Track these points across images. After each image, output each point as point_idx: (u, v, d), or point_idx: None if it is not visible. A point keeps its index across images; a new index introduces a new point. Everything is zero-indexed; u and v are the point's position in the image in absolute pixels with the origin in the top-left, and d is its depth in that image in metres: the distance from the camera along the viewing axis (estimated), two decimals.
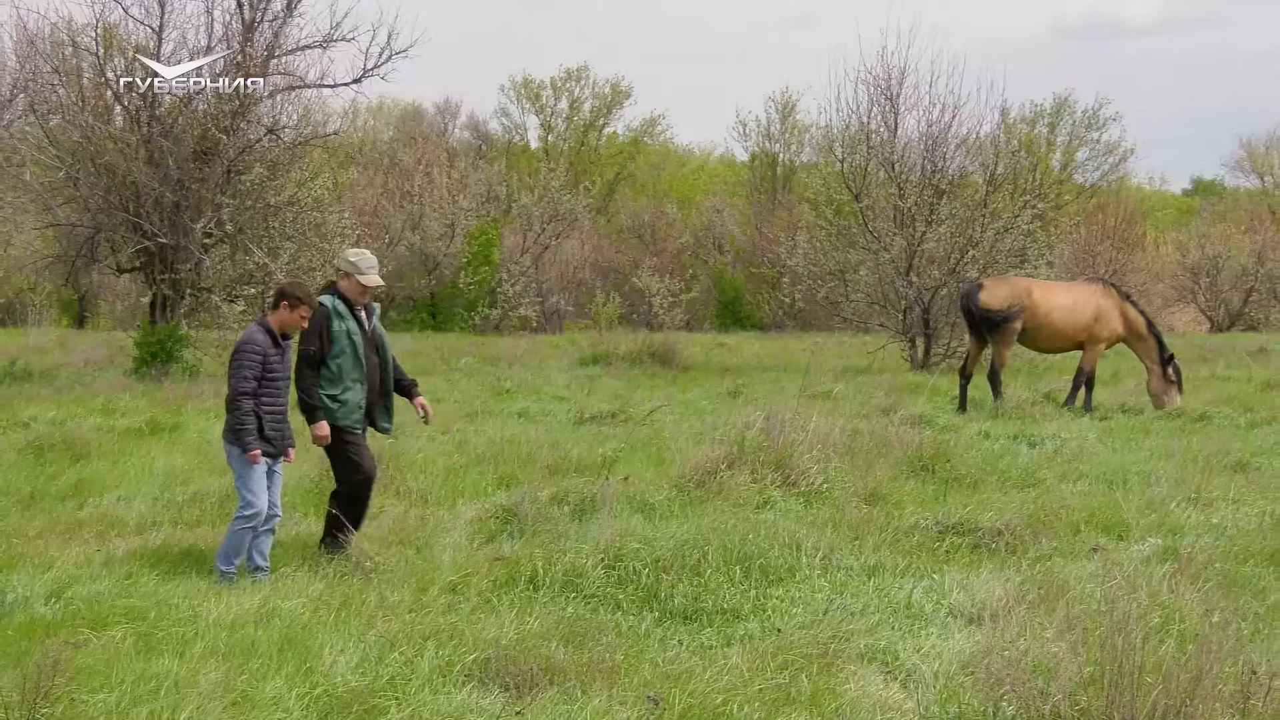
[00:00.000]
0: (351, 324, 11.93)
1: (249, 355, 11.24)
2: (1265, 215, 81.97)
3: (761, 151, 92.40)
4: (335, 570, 11.28)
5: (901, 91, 39.06)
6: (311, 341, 11.74)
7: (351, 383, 11.96)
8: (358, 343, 11.95)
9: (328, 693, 7.78)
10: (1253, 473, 16.85)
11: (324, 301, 11.84)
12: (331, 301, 11.87)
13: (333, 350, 11.81)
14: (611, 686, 8.02)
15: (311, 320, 11.72)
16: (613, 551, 10.97)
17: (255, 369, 11.23)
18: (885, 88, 39.09)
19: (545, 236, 61.73)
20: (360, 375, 12.02)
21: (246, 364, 11.21)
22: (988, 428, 21.24)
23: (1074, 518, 13.41)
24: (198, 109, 29.03)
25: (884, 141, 39.25)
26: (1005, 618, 9.45)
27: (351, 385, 11.97)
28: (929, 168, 38.04)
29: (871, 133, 39.36)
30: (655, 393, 27.24)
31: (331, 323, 11.78)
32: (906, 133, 39.40)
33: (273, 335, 11.44)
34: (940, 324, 36.75)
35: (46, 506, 14.15)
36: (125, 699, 7.46)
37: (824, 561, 11.46)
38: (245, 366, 11.20)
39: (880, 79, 39.18)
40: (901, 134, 39.43)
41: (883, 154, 38.87)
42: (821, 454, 15.30)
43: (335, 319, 11.81)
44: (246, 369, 11.20)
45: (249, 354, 11.24)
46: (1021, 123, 79.16)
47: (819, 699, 7.95)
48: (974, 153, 39.35)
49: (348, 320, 11.90)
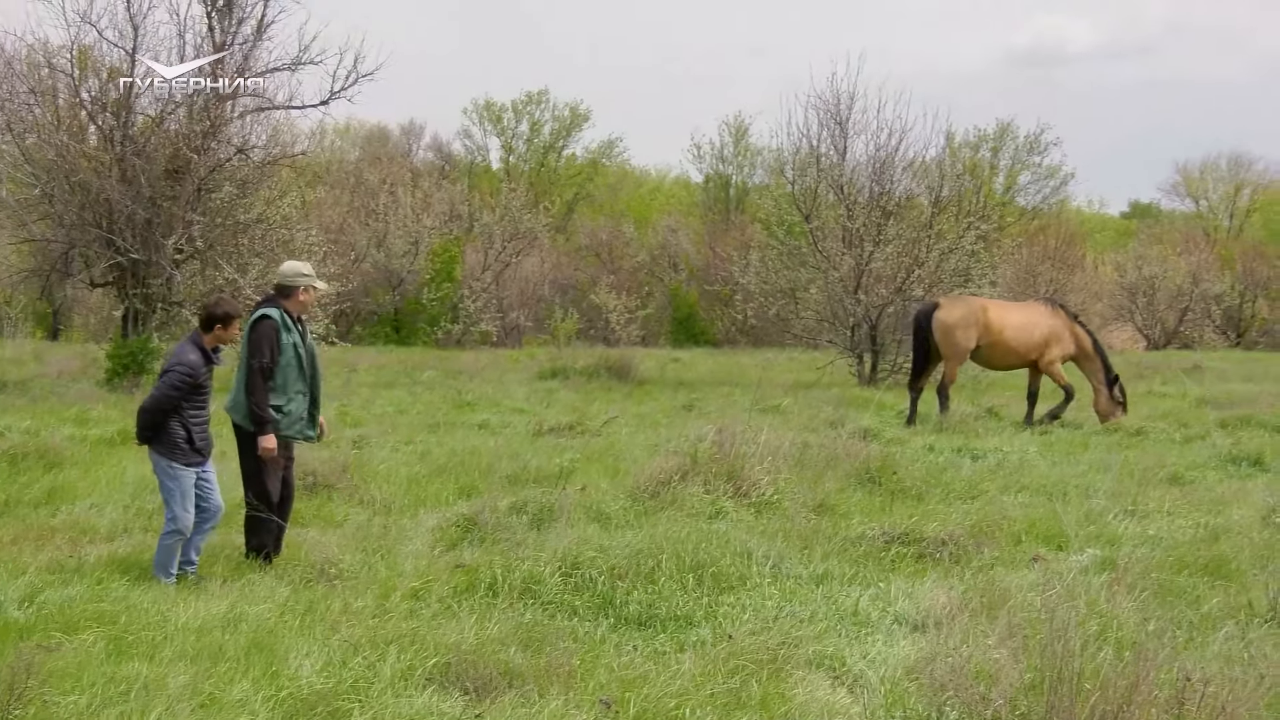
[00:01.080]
0: (296, 336, 11.98)
1: (183, 377, 11.16)
2: (1200, 238, 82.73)
3: (715, 173, 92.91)
4: (300, 576, 11.25)
5: (850, 116, 39.26)
6: (263, 354, 11.71)
7: (295, 394, 12.00)
8: (302, 355, 11.99)
9: (293, 695, 7.75)
10: (1187, 486, 16.96)
11: (271, 314, 11.81)
12: (279, 314, 11.85)
13: (280, 362, 11.81)
14: (568, 690, 8.02)
15: (261, 332, 11.74)
16: (570, 559, 10.97)
17: (184, 390, 11.17)
18: (835, 112, 39.25)
19: (506, 254, 61.81)
20: (304, 386, 12.06)
21: (178, 385, 11.13)
22: (932, 441, 21.30)
23: (1015, 529, 13.48)
24: (169, 129, 28.98)
25: (833, 164, 39.40)
26: (948, 625, 9.47)
27: (295, 396, 12.01)
28: (876, 190, 38.12)
29: (821, 156, 39.53)
30: (611, 406, 27.18)
31: (280, 335, 11.79)
32: (855, 156, 39.62)
33: (205, 353, 11.38)
34: (887, 340, 36.90)
35: (20, 514, 14.04)
36: (96, 701, 7.43)
37: (774, 570, 11.48)
38: (176, 388, 11.13)
39: (830, 104, 39.35)
40: (850, 157, 39.63)
41: (832, 176, 39.02)
42: (772, 466, 15.31)
43: (284, 332, 11.83)
44: (177, 389, 11.13)
45: (182, 375, 11.16)
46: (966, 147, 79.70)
47: (769, 703, 7.95)
48: (920, 176, 39.54)
49: (293, 333, 11.94)
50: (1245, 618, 9.60)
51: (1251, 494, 15.87)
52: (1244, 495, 15.89)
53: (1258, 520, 14.01)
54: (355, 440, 19.85)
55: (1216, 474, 18.22)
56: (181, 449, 11.25)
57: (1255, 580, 10.84)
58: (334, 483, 15.42)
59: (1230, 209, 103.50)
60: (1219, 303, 72.77)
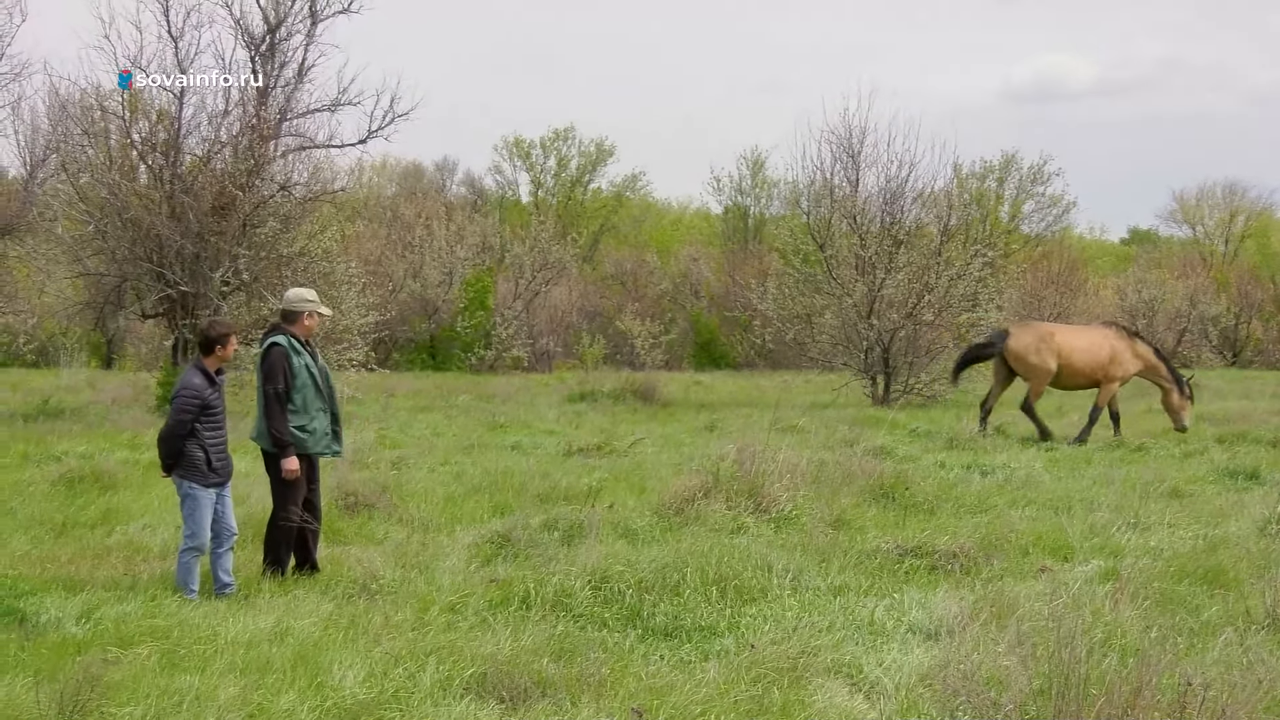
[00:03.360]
0: (307, 358, 12.05)
1: (190, 400, 11.22)
2: (1196, 262, 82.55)
3: (734, 205, 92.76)
4: (343, 592, 11.28)
5: (862, 149, 39.23)
6: (277, 380, 11.80)
7: (316, 412, 12.08)
8: (315, 374, 12.07)
9: (337, 705, 7.77)
10: (1187, 499, 16.92)
11: (279, 341, 11.93)
12: (287, 340, 11.96)
13: (296, 384, 11.88)
14: (599, 699, 8.03)
15: (273, 359, 11.84)
16: (599, 573, 10.99)
17: (194, 413, 11.20)
18: (847, 146, 39.24)
19: (536, 284, 61.71)
20: (323, 404, 12.15)
21: (187, 409, 11.20)
22: (943, 458, 21.28)
23: (1023, 541, 13.46)
24: (216, 168, 29.04)
25: (846, 195, 39.38)
26: (960, 634, 9.45)
27: (317, 414, 12.09)
28: (888, 219, 38.11)
29: (835, 187, 39.52)
30: (637, 427, 27.20)
31: (291, 359, 11.87)
32: (867, 187, 39.55)
33: (209, 376, 11.42)
34: (899, 363, 36.85)
35: (77, 534, 14.12)
36: (150, 712, 7.45)
37: (793, 582, 11.47)
38: (185, 411, 11.19)
39: (842, 138, 39.35)
40: (862, 188, 39.55)
41: (845, 207, 38.95)
42: (790, 483, 15.29)
43: (294, 355, 11.91)
44: (187, 413, 11.19)
45: (189, 399, 11.22)
46: (972, 178, 79.49)
47: (789, 710, 7.95)
48: (929, 205, 39.46)
49: (304, 355, 12.02)
50: (1244, 625, 9.56)
51: (1248, 506, 15.83)
52: (1241, 507, 15.86)
53: (1255, 531, 13.98)
54: (394, 462, 19.87)
55: (1215, 487, 18.18)
56: (201, 471, 11.30)
57: (1253, 589, 10.79)
58: (374, 502, 15.44)
59: (1225, 235, 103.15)
60: (1215, 324, 72.57)
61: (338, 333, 30.35)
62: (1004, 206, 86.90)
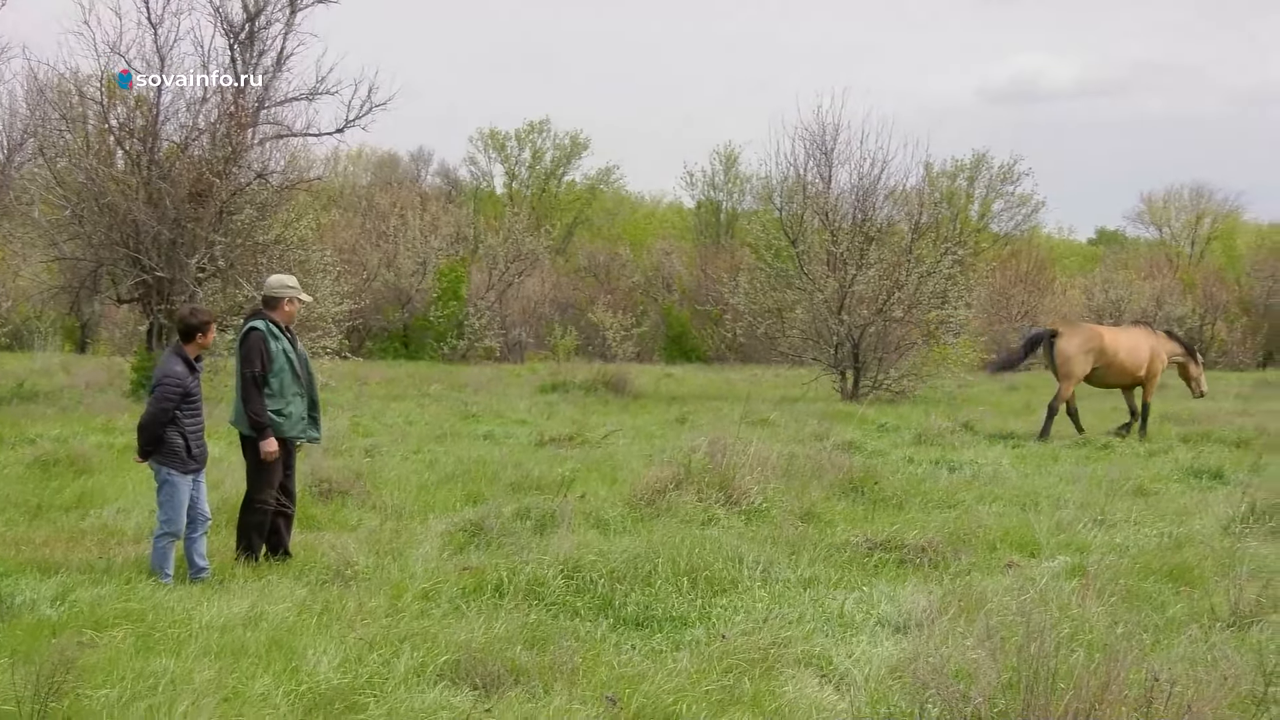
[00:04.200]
0: (285, 343, 12.07)
1: (172, 388, 11.18)
2: (1163, 263, 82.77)
3: (707, 199, 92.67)
4: (317, 578, 11.26)
5: (835, 147, 39.34)
6: (254, 364, 11.83)
7: (293, 396, 12.10)
8: (293, 359, 12.09)
9: (312, 690, 7.75)
10: (1151, 497, 16.99)
11: (258, 326, 11.96)
12: (265, 325, 11.98)
13: (273, 368, 11.91)
14: (572, 686, 8.03)
15: (251, 344, 11.87)
16: (571, 563, 10.99)
17: (176, 400, 11.18)
18: (820, 143, 39.36)
19: (509, 275, 61.64)
20: (300, 389, 12.16)
21: (169, 395, 11.16)
22: (911, 453, 21.33)
23: (990, 536, 13.48)
24: (193, 154, 28.93)
25: (819, 192, 39.45)
26: (929, 627, 9.48)
27: (293, 399, 12.11)
28: (859, 216, 38.18)
29: (807, 184, 39.57)
30: (609, 418, 27.19)
31: (269, 344, 11.89)
32: (839, 184, 39.65)
33: (189, 363, 11.40)
34: (868, 359, 36.91)
35: (52, 517, 14.05)
36: (126, 695, 7.40)
37: (764, 574, 11.47)
38: (168, 399, 11.16)
39: (816, 135, 39.42)
40: (835, 185, 39.67)
41: (817, 203, 39.04)
42: (761, 476, 15.35)
43: (272, 340, 11.94)
44: (169, 400, 11.16)
45: (172, 387, 11.18)
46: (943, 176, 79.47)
47: (760, 700, 7.95)
48: (900, 203, 39.54)
49: (282, 340, 12.04)
50: (1208, 622, 9.60)
51: (1212, 505, 15.90)
52: (1205, 506, 15.93)
53: (1219, 529, 14.05)
54: (368, 449, 19.84)
55: (1179, 486, 18.26)
56: (180, 457, 11.27)
57: (1217, 586, 10.84)
58: (348, 489, 15.43)
59: (1192, 237, 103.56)
60: (1181, 325, 72.76)
61: (312, 320, 30.27)
62: (974, 205, 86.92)
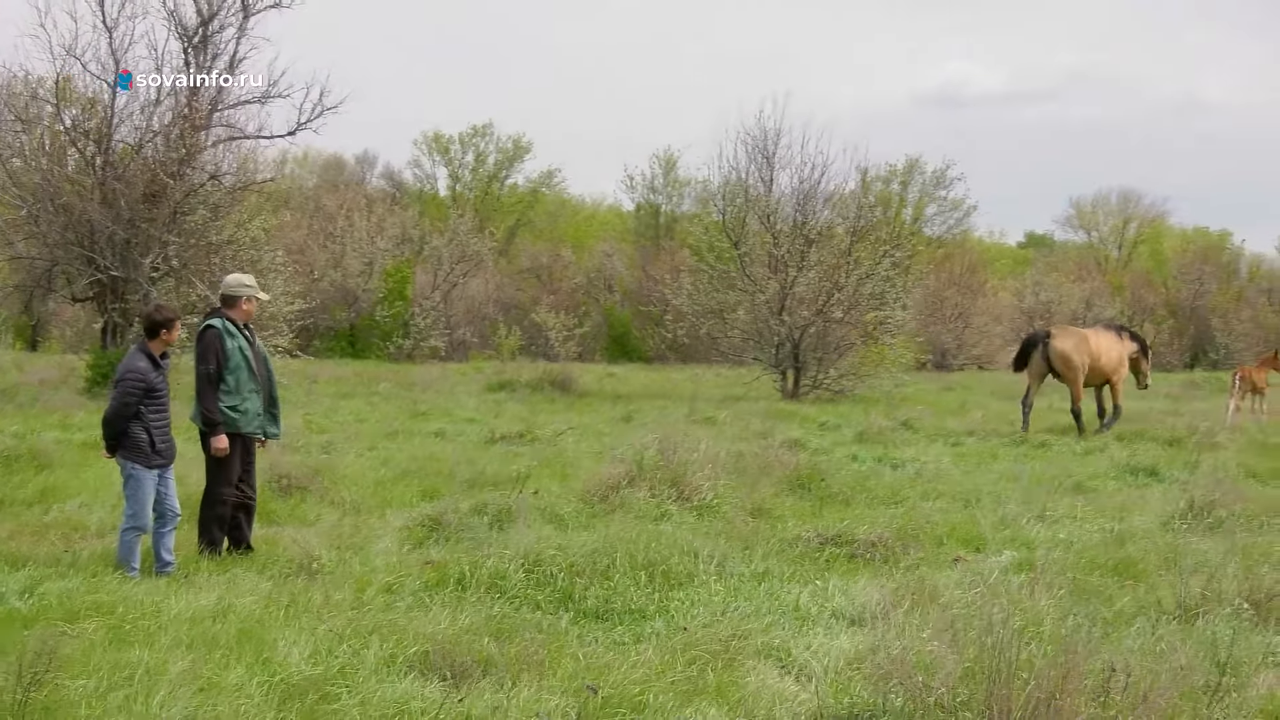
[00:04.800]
0: (242, 341, 12.09)
1: (135, 383, 11.20)
2: (1092, 266, 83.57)
3: (646, 202, 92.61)
4: (280, 571, 11.23)
5: (777, 151, 39.42)
6: (209, 361, 11.86)
7: (249, 393, 12.13)
8: (249, 357, 12.10)
9: (285, 681, 7.72)
10: (1090, 494, 17.10)
11: (214, 324, 12.00)
12: (222, 323, 12.01)
13: (229, 365, 11.93)
14: (540, 678, 8.03)
15: (206, 342, 11.90)
16: (532, 557, 10.99)
17: (139, 395, 11.19)
18: (762, 147, 39.45)
19: (454, 275, 61.69)
20: (256, 386, 12.19)
21: (131, 391, 11.18)
22: (855, 451, 21.42)
23: (937, 532, 13.58)
24: (147, 156, 28.81)
25: (760, 195, 39.53)
26: (883, 620, 9.53)
27: (249, 396, 12.13)
28: (800, 219, 38.31)
29: (749, 187, 39.64)
30: (556, 417, 27.22)
31: (225, 341, 11.92)
32: (780, 187, 39.75)
33: (153, 359, 11.42)
34: (808, 358, 37.02)
35: (15, 512, 13.96)
36: (103, 685, 7.37)
37: (718, 568, 11.50)
38: (130, 394, 11.17)
39: (758, 140, 39.53)
40: (776, 189, 39.76)
41: (759, 206, 39.16)
42: (712, 473, 15.37)
43: (228, 338, 11.96)
44: (131, 395, 11.17)
45: (134, 382, 11.21)
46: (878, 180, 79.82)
47: (724, 690, 7.97)
48: (839, 207, 39.67)
49: (238, 338, 12.06)
50: (1155, 615, 9.68)
51: (1150, 501, 16.05)
52: (1143, 502, 16.07)
53: (1158, 526, 14.15)
54: (323, 446, 19.81)
55: (1116, 483, 18.39)
56: (145, 452, 11.27)
57: (1162, 580, 10.93)
58: (306, 485, 15.45)
59: (1120, 240, 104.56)
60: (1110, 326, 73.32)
61: (264, 319, 30.16)
62: (907, 209, 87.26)
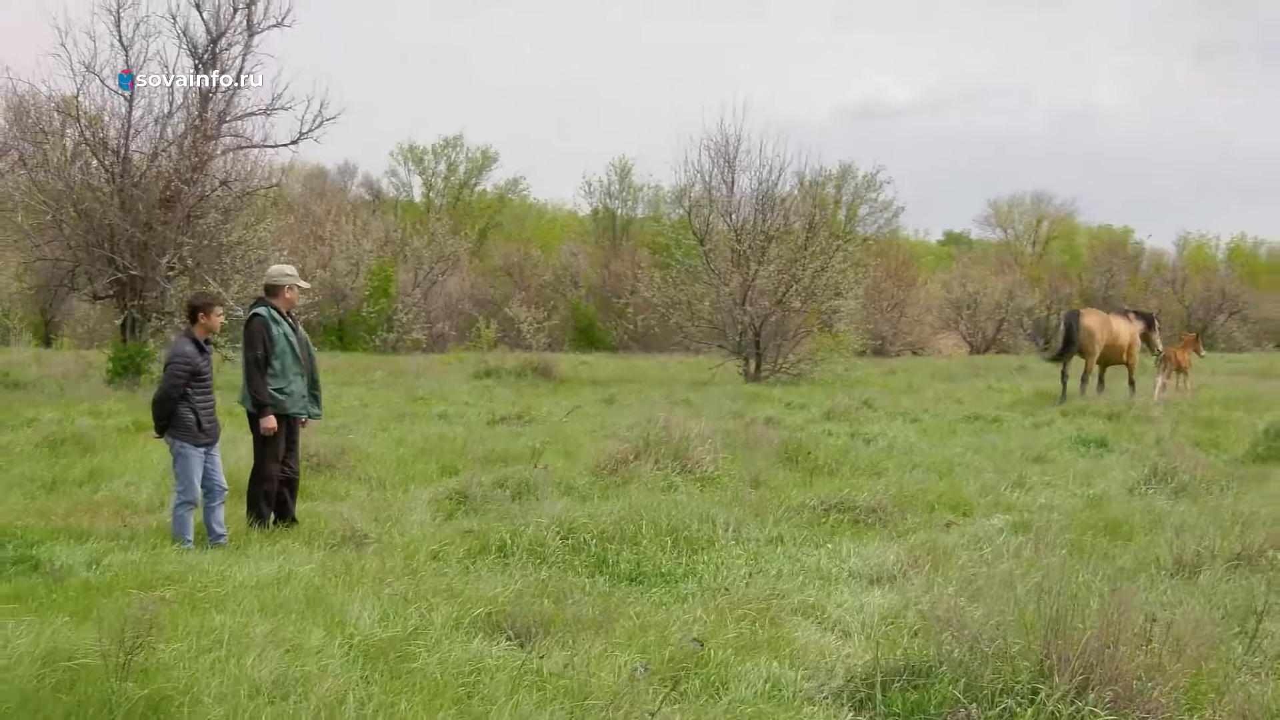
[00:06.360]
0: (286, 328, 11.94)
1: (182, 367, 11.07)
2: (1011, 261, 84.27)
3: (604, 207, 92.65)
4: (326, 542, 10.98)
5: (738, 156, 39.33)
6: (257, 347, 11.73)
7: (294, 376, 11.97)
8: (293, 342, 11.96)
9: (364, 642, 7.47)
10: (1049, 464, 17.00)
11: (260, 312, 11.86)
12: (267, 311, 11.87)
13: (275, 350, 11.79)
14: (604, 635, 7.80)
15: (253, 329, 11.77)
16: (566, 525, 10.81)
17: (185, 378, 11.05)
18: (724, 152, 39.31)
19: (433, 274, 61.90)
20: (300, 370, 12.04)
21: (179, 373, 11.04)
22: (827, 428, 21.24)
23: (928, 498, 13.39)
24: (162, 165, 28.59)
25: (723, 196, 39.48)
26: (908, 578, 9.39)
27: (294, 379, 11.98)
28: (760, 218, 38.26)
29: (713, 189, 39.58)
30: (544, 399, 27.03)
31: (271, 328, 11.78)
32: (741, 188, 39.65)
33: (198, 344, 11.29)
34: (769, 345, 36.92)
35: (67, 491, 13.70)
36: (194, 648, 7.08)
37: (735, 534, 11.35)
38: (178, 376, 11.04)
39: (720, 145, 39.40)
40: (738, 189, 39.68)
41: (722, 206, 39.09)
42: (712, 447, 15.24)
43: (273, 325, 11.82)
44: (179, 378, 11.04)
45: (181, 365, 11.08)
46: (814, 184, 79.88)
47: (777, 645, 7.77)
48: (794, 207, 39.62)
49: (282, 325, 11.91)
50: (1154, 571, 9.51)
51: (1109, 470, 15.99)
52: (1102, 471, 16.00)
53: (1124, 491, 14.06)
54: (337, 429, 19.52)
55: (1071, 454, 18.29)
56: (192, 431, 11.09)
57: (1150, 540, 10.79)
58: (334, 463, 15.24)
59: (1033, 237, 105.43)
60: (1030, 315, 74.16)
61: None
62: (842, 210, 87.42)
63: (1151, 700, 6.17)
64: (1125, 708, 6.12)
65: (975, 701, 6.32)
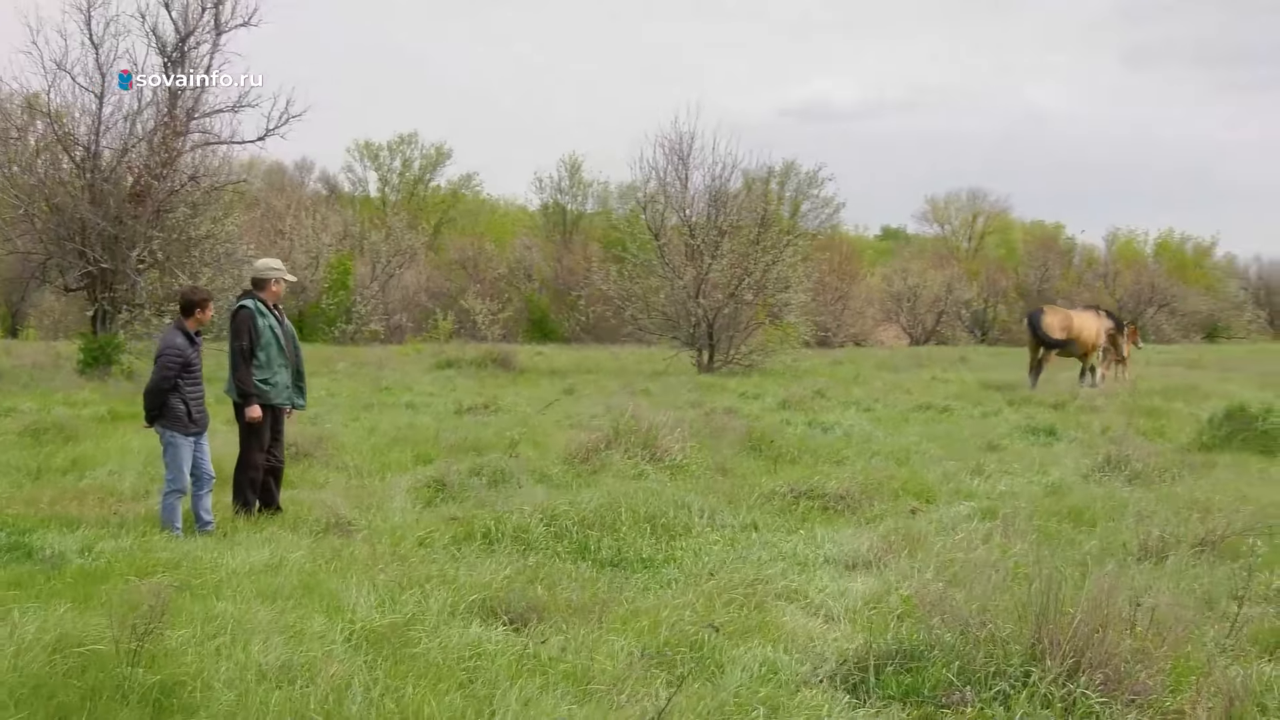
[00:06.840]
0: (272, 320, 11.87)
1: (173, 358, 10.96)
2: (948, 255, 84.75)
3: (554, 202, 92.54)
4: (311, 529, 10.91)
5: (691, 153, 39.27)
6: (242, 338, 11.66)
7: (279, 368, 11.89)
8: (279, 334, 11.89)
9: (365, 627, 7.40)
10: (1003, 452, 17.00)
11: (247, 304, 11.78)
12: (254, 303, 11.79)
13: (261, 342, 11.72)
14: (596, 620, 7.76)
15: (240, 320, 11.70)
16: (548, 512, 10.76)
17: (176, 369, 10.93)
18: (678, 149, 39.25)
19: (390, 267, 61.54)
20: (285, 361, 11.95)
21: (170, 365, 10.93)
22: (785, 417, 21.21)
23: (893, 486, 13.39)
24: (132, 159, 28.36)
25: (677, 192, 39.47)
26: (884, 564, 9.39)
27: (278, 370, 11.89)
28: (714, 213, 38.25)
29: (667, 185, 39.54)
30: (505, 390, 26.88)
31: (257, 320, 11.71)
32: (695, 185, 39.59)
33: (189, 336, 11.17)
34: (721, 337, 36.91)
35: (51, 479, 13.47)
36: (199, 635, 7.00)
37: (710, 520, 11.35)
38: (169, 367, 10.93)
39: (674, 143, 39.34)
40: (691, 186, 39.63)
41: (676, 202, 39.11)
42: (681, 436, 15.19)
43: (259, 317, 11.75)
44: (170, 369, 10.93)
45: (173, 357, 10.96)
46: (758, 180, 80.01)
47: (766, 629, 7.74)
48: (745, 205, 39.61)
49: (268, 317, 11.84)
50: (1122, 556, 9.53)
51: (1060, 458, 16.04)
52: (1054, 459, 16.04)
53: (1080, 479, 14.11)
54: (309, 418, 19.36)
55: (1022, 442, 18.28)
56: (182, 421, 10.98)
57: (1113, 527, 10.83)
58: (312, 451, 15.10)
59: (969, 233, 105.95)
60: (968, 307, 74.63)
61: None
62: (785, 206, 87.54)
63: (1139, 682, 6.19)
64: (1115, 690, 6.15)
65: (969, 684, 6.32)
